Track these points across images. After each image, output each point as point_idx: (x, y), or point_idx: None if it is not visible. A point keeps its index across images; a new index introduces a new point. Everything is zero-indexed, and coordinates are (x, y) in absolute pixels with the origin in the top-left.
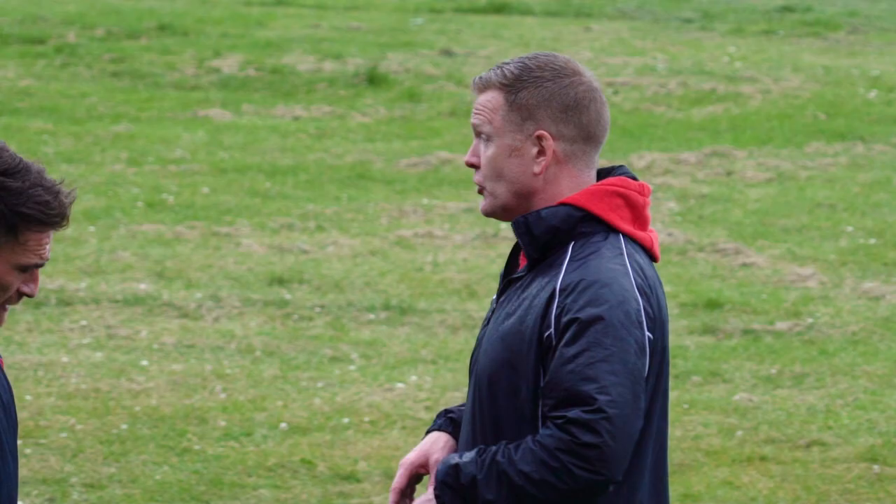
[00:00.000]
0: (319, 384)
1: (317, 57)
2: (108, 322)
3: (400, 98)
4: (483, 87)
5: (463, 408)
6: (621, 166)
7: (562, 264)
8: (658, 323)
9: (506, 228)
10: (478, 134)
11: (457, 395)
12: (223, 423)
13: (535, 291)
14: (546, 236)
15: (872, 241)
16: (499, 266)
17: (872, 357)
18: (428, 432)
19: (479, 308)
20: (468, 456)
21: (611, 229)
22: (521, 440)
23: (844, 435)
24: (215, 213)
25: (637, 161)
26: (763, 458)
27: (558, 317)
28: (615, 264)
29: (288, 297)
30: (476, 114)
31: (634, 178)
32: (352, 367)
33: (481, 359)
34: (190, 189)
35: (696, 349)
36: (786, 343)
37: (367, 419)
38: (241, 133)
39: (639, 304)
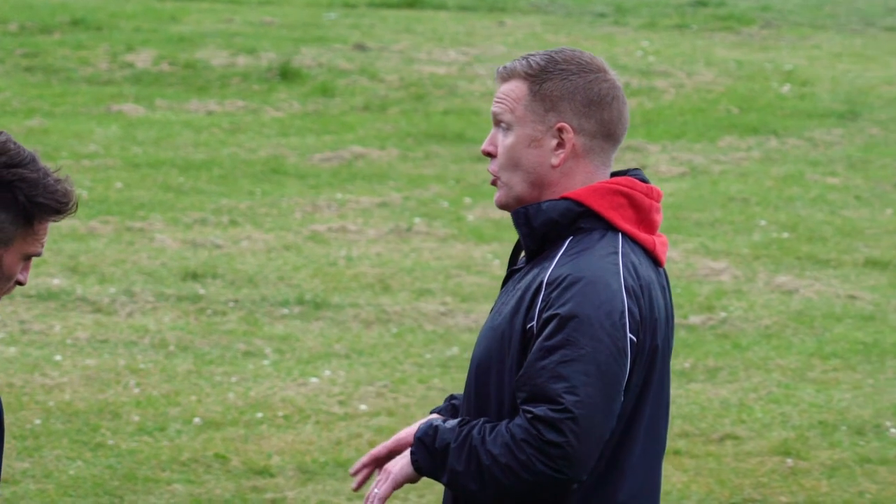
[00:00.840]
0: (233, 379)
1: (230, 52)
2: (22, 317)
3: (313, 93)
4: (507, 76)
5: None
6: (636, 169)
7: (554, 258)
8: (648, 325)
9: (420, 223)
10: (497, 123)
11: (370, 389)
12: (137, 418)
13: (528, 283)
14: (544, 228)
15: (785, 234)
16: (412, 260)
17: (785, 351)
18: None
19: (393, 302)
20: (450, 423)
21: (610, 227)
22: (499, 422)
23: (758, 429)
24: (129, 208)
25: None
26: (677, 452)
27: (541, 311)
28: (606, 262)
29: (202, 291)
30: (498, 102)
31: (645, 181)
32: (265, 362)
33: (475, 349)
34: (103, 184)
35: None
36: (699, 337)
37: (280, 414)
38: (155, 128)
39: (623, 306)
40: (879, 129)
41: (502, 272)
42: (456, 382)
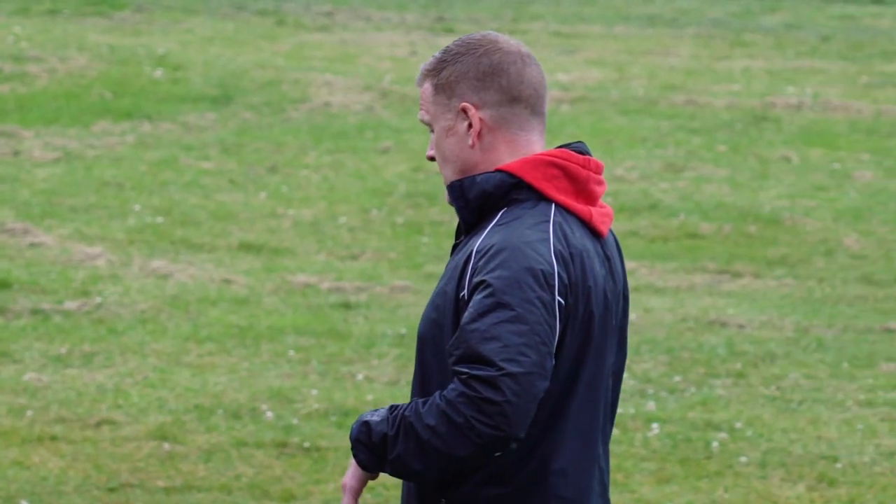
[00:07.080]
0: None
1: None
2: None
3: None
4: (420, 81)
5: None
6: (578, 142)
7: (486, 228)
8: (581, 291)
9: None
10: (426, 126)
11: None
12: None
13: (461, 254)
14: (479, 201)
15: (160, 219)
16: None
17: (161, 335)
18: None
19: None
20: (380, 413)
21: (543, 198)
22: (431, 396)
23: (134, 413)
24: None
25: None
26: (53, 438)
27: (471, 278)
28: (535, 230)
29: None
30: (420, 108)
31: (583, 154)
32: None
33: (419, 324)
34: None
35: None
36: (75, 322)
37: None
38: None
39: (552, 269)
40: (252, 114)
41: None
42: None
